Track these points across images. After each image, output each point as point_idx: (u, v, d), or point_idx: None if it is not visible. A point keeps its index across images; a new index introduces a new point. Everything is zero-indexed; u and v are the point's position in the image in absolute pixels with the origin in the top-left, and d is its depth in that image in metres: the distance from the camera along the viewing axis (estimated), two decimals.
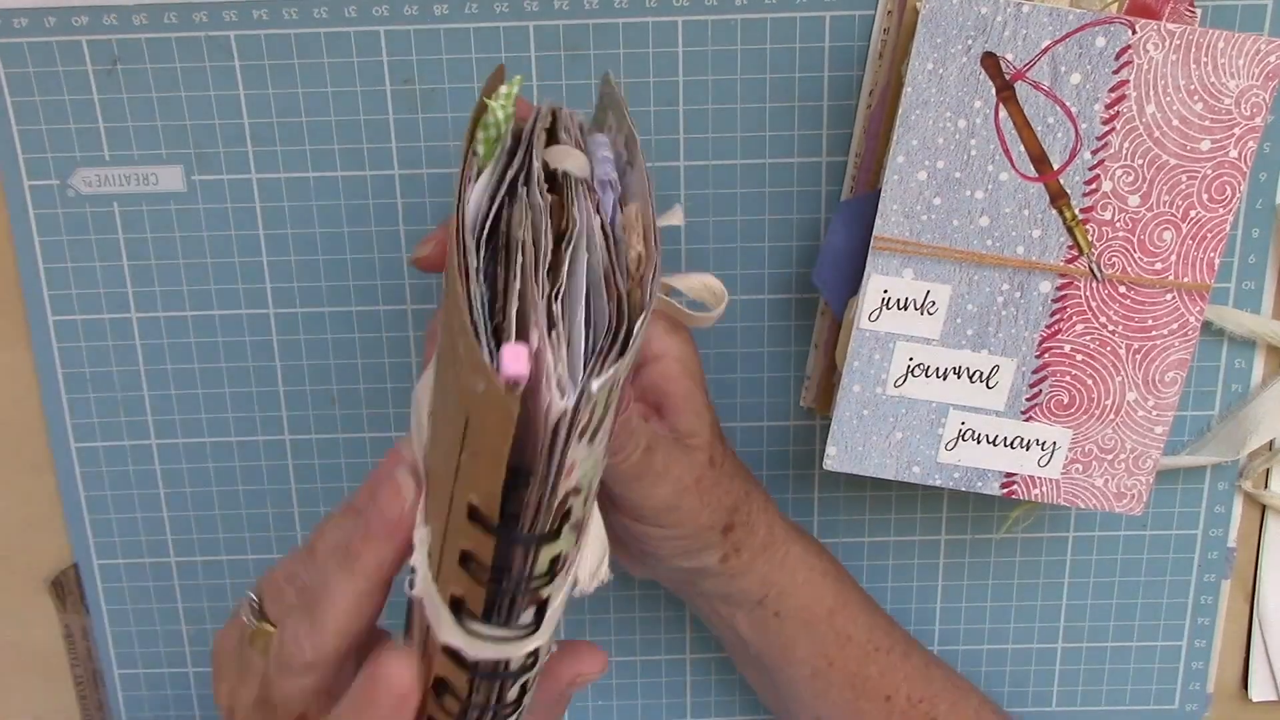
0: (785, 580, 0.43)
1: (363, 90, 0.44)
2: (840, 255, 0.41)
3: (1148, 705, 0.51)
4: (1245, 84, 0.37)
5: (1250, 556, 0.49)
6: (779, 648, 0.44)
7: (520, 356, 0.26)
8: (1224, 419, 0.47)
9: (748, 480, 0.42)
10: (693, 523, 0.40)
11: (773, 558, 0.42)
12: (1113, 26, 0.37)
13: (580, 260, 0.30)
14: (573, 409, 0.27)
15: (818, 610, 0.43)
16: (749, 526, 0.42)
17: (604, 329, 0.29)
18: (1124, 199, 0.39)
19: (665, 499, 0.39)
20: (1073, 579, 0.50)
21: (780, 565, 0.43)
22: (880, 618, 0.45)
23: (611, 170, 0.33)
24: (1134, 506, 0.42)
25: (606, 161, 0.33)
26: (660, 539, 0.40)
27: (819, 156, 0.45)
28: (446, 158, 0.44)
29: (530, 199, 0.31)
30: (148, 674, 0.50)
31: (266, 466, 0.48)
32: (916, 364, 0.41)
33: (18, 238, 0.45)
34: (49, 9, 0.43)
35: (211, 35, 0.43)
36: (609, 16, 0.43)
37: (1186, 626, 0.50)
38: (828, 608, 0.43)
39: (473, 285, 0.28)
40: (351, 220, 0.45)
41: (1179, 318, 0.40)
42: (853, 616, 0.44)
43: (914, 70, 0.38)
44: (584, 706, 0.51)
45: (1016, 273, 0.40)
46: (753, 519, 0.42)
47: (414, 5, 0.43)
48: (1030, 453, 0.41)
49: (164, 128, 0.44)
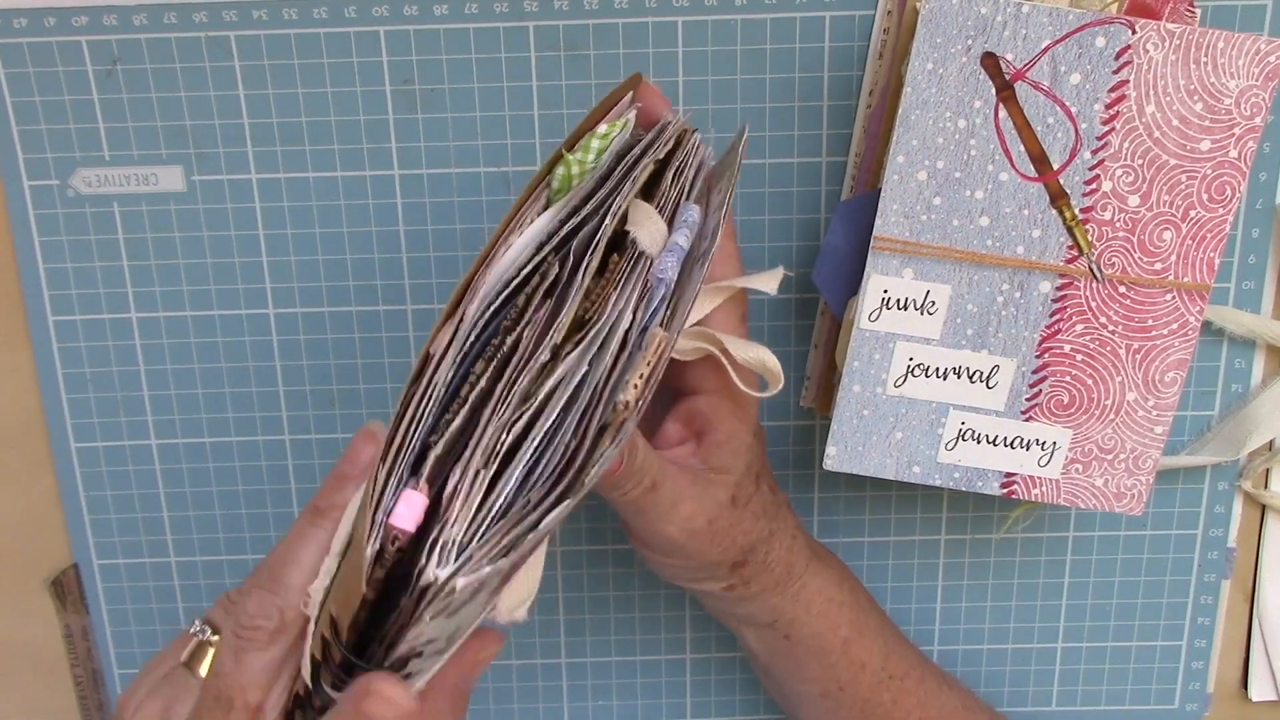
0: (799, 611, 0.42)
1: (363, 90, 0.44)
2: (840, 255, 0.41)
3: (1148, 705, 0.51)
4: (1245, 84, 0.37)
5: (1250, 556, 0.49)
6: (788, 667, 0.44)
7: (411, 511, 0.26)
8: (1224, 419, 0.47)
9: (776, 519, 0.41)
10: (700, 558, 0.38)
11: (785, 591, 0.41)
12: (1113, 26, 0.37)
13: (571, 378, 0.28)
14: (439, 586, 0.26)
15: (831, 640, 0.42)
16: (764, 565, 0.40)
17: (544, 477, 0.28)
18: (1124, 199, 0.39)
19: (671, 537, 0.37)
20: (1073, 579, 0.50)
21: (794, 598, 0.42)
22: (897, 643, 0.44)
23: (677, 263, 0.31)
24: (1134, 507, 0.42)
25: (677, 251, 0.31)
26: (661, 565, 0.40)
27: (819, 156, 0.45)
28: (446, 158, 0.44)
29: (577, 273, 0.29)
30: None
31: (266, 466, 0.48)
32: (916, 364, 0.41)
33: (18, 238, 0.45)
34: (49, 9, 0.43)
35: (211, 35, 0.43)
36: (609, 16, 0.43)
37: (1186, 626, 0.50)
38: (842, 638, 0.42)
39: (411, 408, 0.27)
40: (351, 220, 0.45)
41: (1179, 318, 0.40)
42: (868, 646, 0.43)
43: (914, 70, 0.38)
44: (584, 706, 0.51)
45: (1016, 273, 0.40)
46: (770, 558, 0.40)
47: (414, 5, 0.43)
48: (1030, 453, 0.41)
49: (164, 128, 0.44)
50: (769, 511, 0.40)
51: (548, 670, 0.51)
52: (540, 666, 0.51)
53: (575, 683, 0.51)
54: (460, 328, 0.29)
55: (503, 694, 0.51)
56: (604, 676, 0.51)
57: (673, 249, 0.31)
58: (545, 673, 0.51)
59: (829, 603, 0.42)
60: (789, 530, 0.41)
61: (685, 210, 0.32)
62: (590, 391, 0.28)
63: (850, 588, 0.43)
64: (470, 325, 0.29)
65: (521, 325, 0.29)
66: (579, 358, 0.28)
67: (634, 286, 0.30)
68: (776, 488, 0.42)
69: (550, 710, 0.51)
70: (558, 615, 0.50)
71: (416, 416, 0.28)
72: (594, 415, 0.28)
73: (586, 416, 0.28)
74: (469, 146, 0.44)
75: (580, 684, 0.51)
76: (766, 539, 0.40)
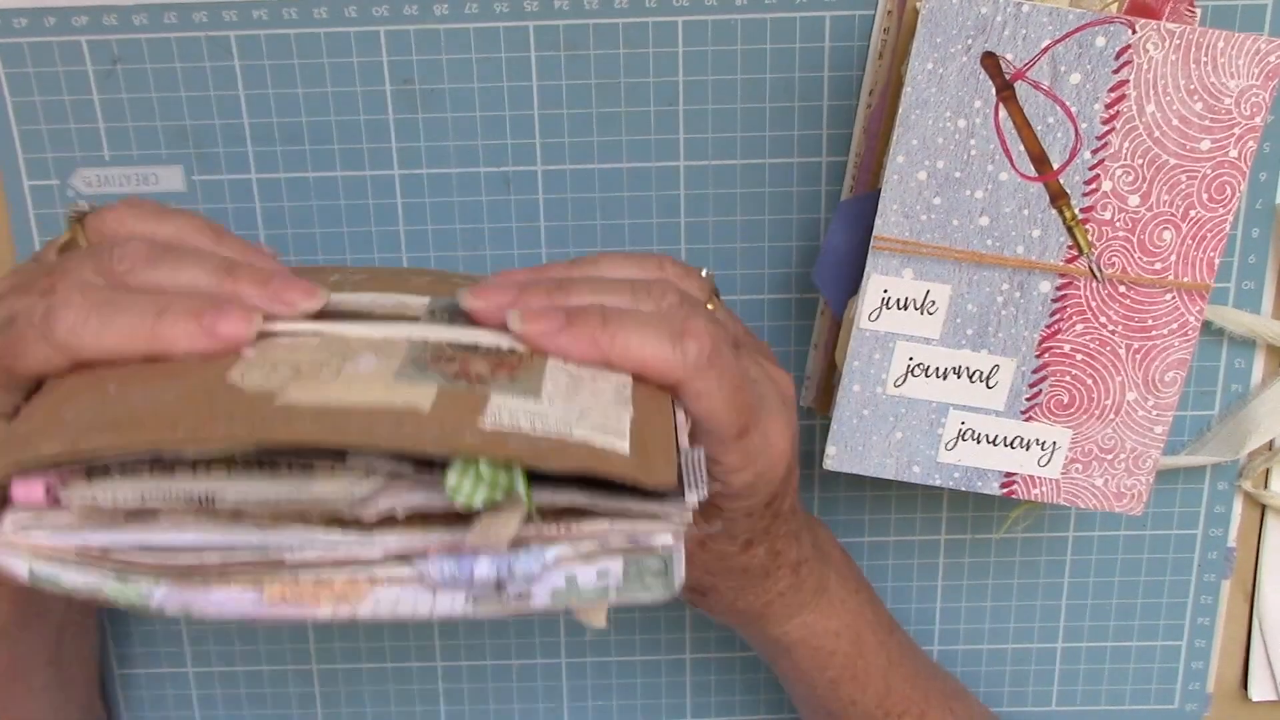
0: (778, 653, 0.42)
1: (363, 90, 0.44)
2: (840, 255, 0.41)
3: (1148, 705, 0.51)
4: (1245, 84, 0.37)
5: (1250, 556, 0.49)
6: (780, 674, 0.44)
7: (31, 493, 0.26)
8: (1224, 419, 0.47)
9: (763, 578, 0.39)
10: None
11: (757, 634, 0.41)
12: (1113, 26, 0.37)
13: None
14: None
15: (817, 679, 0.42)
16: (729, 606, 0.39)
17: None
18: (1124, 199, 0.39)
19: None
20: (1073, 579, 0.50)
21: (772, 643, 0.42)
22: (899, 680, 0.43)
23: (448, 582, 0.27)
24: (1134, 506, 0.42)
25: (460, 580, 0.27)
26: None
27: (819, 156, 0.45)
28: (446, 158, 0.44)
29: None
30: (148, 674, 0.50)
31: None
32: (916, 364, 0.41)
33: (18, 238, 0.45)
34: (49, 9, 0.43)
35: (211, 35, 0.43)
36: (609, 16, 0.43)
37: (1186, 626, 0.50)
38: (829, 679, 0.42)
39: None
40: (351, 220, 0.45)
41: (1179, 317, 0.40)
42: (860, 685, 0.43)
43: (914, 70, 0.38)
44: (584, 706, 0.51)
45: (1016, 272, 0.40)
46: (738, 604, 0.39)
47: (414, 5, 0.43)
48: (1030, 452, 0.41)
49: (164, 128, 0.44)
50: (750, 571, 0.38)
51: (548, 670, 0.51)
52: (540, 666, 0.51)
53: (575, 683, 0.51)
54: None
55: (503, 694, 0.51)
56: (604, 676, 0.51)
57: (461, 562, 0.27)
58: (545, 673, 0.51)
59: (814, 651, 0.42)
60: (777, 587, 0.39)
61: (531, 555, 0.28)
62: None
63: (851, 637, 0.42)
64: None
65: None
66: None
67: (401, 551, 0.28)
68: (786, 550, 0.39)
69: (550, 710, 0.51)
70: (558, 615, 0.50)
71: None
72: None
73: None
74: (469, 146, 0.44)
75: (580, 684, 0.51)
76: (735, 589, 0.39)
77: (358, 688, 0.51)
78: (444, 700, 0.51)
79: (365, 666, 0.50)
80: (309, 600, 0.27)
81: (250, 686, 0.50)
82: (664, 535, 0.28)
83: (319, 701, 0.51)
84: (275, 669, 0.50)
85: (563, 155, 0.45)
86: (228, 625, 0.49)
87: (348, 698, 0.51)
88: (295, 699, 0.51)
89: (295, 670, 0.50)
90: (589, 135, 0.44)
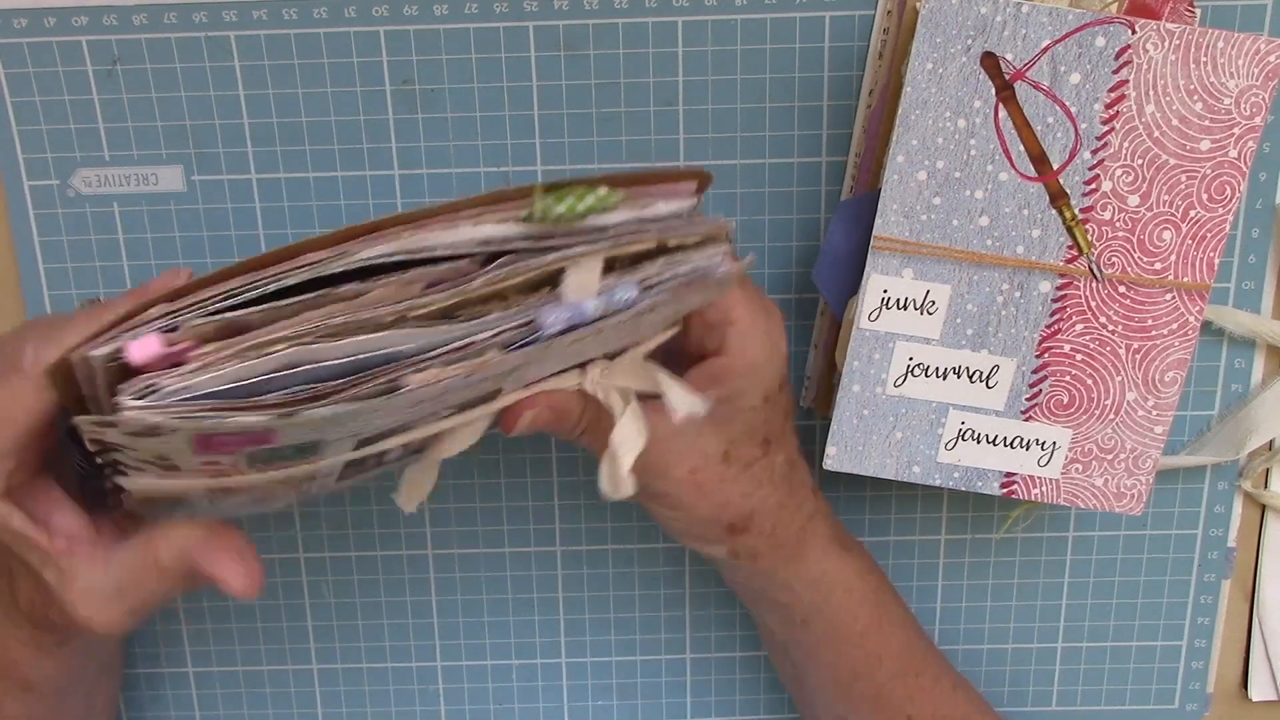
0: (816, 597, 0.42)
1: (363, 90, 0.44)
2: (840, 255, 0.41)
3: (1148, 705, 0.51)
4: (1245, 84, 0.37)
5: (1250, 556, 0.49)
6: (802, 652, 0.44)
7: (143, 350, 0.27)
8: (1224, 419, 0.47)
9: (790, 493, 0.40)
10: (687, 511, 0.39)
11: (800, 574, 0.41)
12: (1112, 26, 0.37)
13: (386, 346, 0.28)
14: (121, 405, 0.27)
15: (847, 632, 0.42)
16: (768, 535, 0.40)
17: (273, 390, 0.28)
18: (1124, 199, 0.39)
19: (648, 482, 0.37)
20: (1073, 579, 0.50)
21: (812, 585, 0.42)
22: (917, 640, 0.44)
23: (564, 324, 0.30)
24: (1134, 506, 0.42)
25: (574, 312, 0.30)
26: (657, 515, 0.40)
27: (819, 156, 0.45)
28: (446, 158, 0.44)
29: (483, 272, 0.29)
30: (148, 674, 0.50)
31: None
32: (916, 364, 0.41)
33: (18, 238, 0.45)
34: (49, 9, 0.43)
35: (211, 35, 0.43)
36: (609, 16, 0.43)
37: (1186, 626, 0.50)
38: (859, 630, 0.42)
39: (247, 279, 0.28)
40: (351, 220, 0.45)
41: (1179, 317, 0.40)
42: (886, 639, 0.43)
43: (914, 70, 0.38)
44: (584, 706, 0.51)
45: (1016, 272, 0.40)
46: (777, 531, 0.40)
47: (414, 5, 0.43)
48: (1030, 453, 0.41)
49: (164, 128, 0.44)
50: (779, 482, 0.40)
51: (548, 670, 0.51)
52: (540, 666, 0.51)
53: (575, 683, 0.51)
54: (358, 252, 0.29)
55: (503, 694, 0.51)
56: (604, 676, 0.51)
57: (571, 309, 0.30)
58: (545, 673, 0.51)
59: (849, 593, 0.42)
60: (805, 509, 0.41)
61: (624, 287, 0.31)
62: (384, 365, 0.29)
63: (875, 583, 0.43)
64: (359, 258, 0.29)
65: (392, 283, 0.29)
66: (405, 337, 0.29)
67: (518, 319, 0.30)
68: (799, 465, 0.41)
69: (550, 710, 0.51)
70: (558, 615, 0.50)
71: (244, 286, 0.28)
72: (361, 384, 0.28)
73: (354, 383, 0.28)
74: (469, 146, 0.44)
75: (580, 684, 0.51)
76: (774, 509, 0.40)
77: (358, 688, 0.51)
78: (444, 700, 0.51)
79: (365, 666, 0.50)
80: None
81: (250, 686, 0.50)
82: (716, 252, 0.32)
83: (319, 701, 0.51)
84: (275, 669, 0.50)
85: (563, 155, 0.45)
86: (228, 625, 0.50)
87: (348, 698, 0.51)
88: (295, 699, 0.51)
89: (295, 670, 0.50)
90: (589, 135, 0.44)
